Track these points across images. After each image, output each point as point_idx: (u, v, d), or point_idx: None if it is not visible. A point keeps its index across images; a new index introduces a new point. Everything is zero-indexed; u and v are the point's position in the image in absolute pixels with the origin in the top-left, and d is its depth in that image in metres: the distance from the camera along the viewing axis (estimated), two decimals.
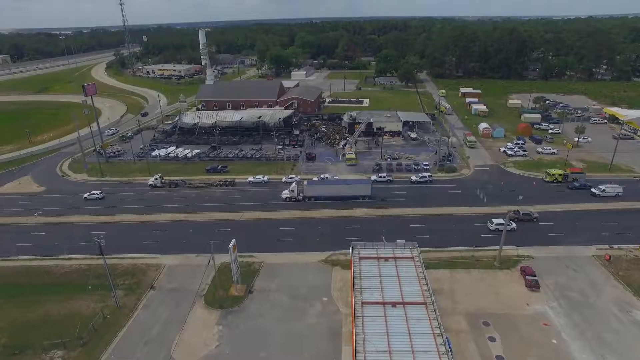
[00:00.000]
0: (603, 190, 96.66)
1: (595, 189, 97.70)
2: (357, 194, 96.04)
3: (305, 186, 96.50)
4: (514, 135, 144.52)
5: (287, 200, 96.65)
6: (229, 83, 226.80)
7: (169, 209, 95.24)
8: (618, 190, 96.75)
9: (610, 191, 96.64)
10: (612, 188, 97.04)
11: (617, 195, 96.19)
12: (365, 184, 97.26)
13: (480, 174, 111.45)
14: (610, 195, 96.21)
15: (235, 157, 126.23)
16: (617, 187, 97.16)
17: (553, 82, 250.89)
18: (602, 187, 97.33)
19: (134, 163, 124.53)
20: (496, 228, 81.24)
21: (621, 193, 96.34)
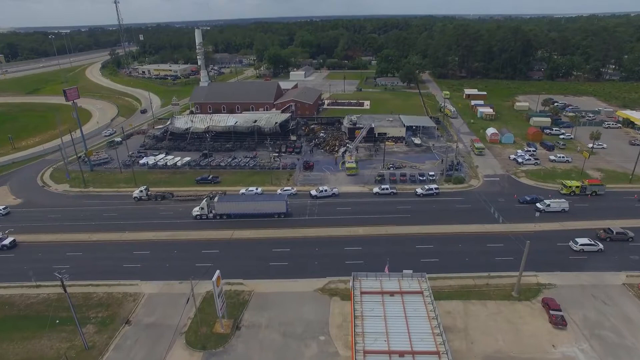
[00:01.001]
0: (548, 206, 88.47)
1: (540, 204, 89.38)
2: (272, 211, 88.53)
3: (216, 203, 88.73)
4: (524, 140, 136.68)
5: (198, 218, 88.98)
6: (224, 85, 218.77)
7: (153, 225, 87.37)
8: (564, 205, 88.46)
9: (555, 206, 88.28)
10: (558, 203, 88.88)
11: (562, 211, 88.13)
12: (279, 200, 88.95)
13: (490, 185, 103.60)
14: (555, 210, 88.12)
15: (227, 166, 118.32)
16: (562, 202, 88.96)
17: (559, 83, 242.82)
18: (547, 201, 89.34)
19: (120, 172, 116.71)
20: (581, 249, 74.10)
21: (567, 208, 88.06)
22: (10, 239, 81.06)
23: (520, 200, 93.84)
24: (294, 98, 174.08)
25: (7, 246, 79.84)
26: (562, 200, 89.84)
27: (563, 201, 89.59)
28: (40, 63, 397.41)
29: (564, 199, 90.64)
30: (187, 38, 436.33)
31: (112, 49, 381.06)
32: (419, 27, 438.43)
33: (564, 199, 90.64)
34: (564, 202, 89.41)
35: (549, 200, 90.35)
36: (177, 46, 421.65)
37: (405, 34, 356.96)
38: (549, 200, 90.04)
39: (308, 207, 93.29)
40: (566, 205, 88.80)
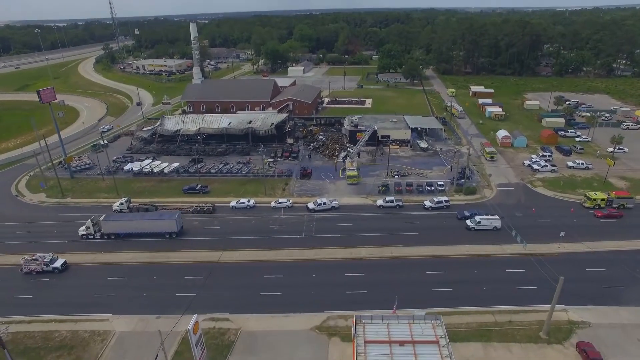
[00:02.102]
0: (478, 223, 79.59)
1: (470, 221, 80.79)
2: (162, 230, 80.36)
3: (102, 222, 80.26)
4: (537, 144, 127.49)
5: (85, 238, 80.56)
6: (218, 82, 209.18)
7: (132, 244, 78.41)
8: (496, 223, 79.59)
9: (486, 224, 79.47)
10: (489, 220, 79.83)
11: (494, 229, 79.32)
12: (169, 219, 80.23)
13: (504, 197, 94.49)
14: (486, 228, 79.28)
15: (218, 173, 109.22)
16: (494, 219, 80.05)
17: (569, 79, 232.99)
18: (478, 218, 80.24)
19: (102, 180, 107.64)
20: None
21: (499, 226, 79.41)
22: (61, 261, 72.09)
23: (458, 216, 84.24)
24: (291, 97, 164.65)
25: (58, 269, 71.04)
26: (494, 217, 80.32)
27: (495, 218, 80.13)
28: (32, 58, 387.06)
29: (496, 215, 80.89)
30: (184, 32, 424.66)
31: (105, 44, 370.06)
32: (421, 21, 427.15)
33: (496, 215, 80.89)
34: (495, 218, 79.99)
35: (479, 216, 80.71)
36: (174, 40, 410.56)
37: (407, 27, 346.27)
38: (479, 217, 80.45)
39: (305, 222, 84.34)
40: (498, 223, 79.46)
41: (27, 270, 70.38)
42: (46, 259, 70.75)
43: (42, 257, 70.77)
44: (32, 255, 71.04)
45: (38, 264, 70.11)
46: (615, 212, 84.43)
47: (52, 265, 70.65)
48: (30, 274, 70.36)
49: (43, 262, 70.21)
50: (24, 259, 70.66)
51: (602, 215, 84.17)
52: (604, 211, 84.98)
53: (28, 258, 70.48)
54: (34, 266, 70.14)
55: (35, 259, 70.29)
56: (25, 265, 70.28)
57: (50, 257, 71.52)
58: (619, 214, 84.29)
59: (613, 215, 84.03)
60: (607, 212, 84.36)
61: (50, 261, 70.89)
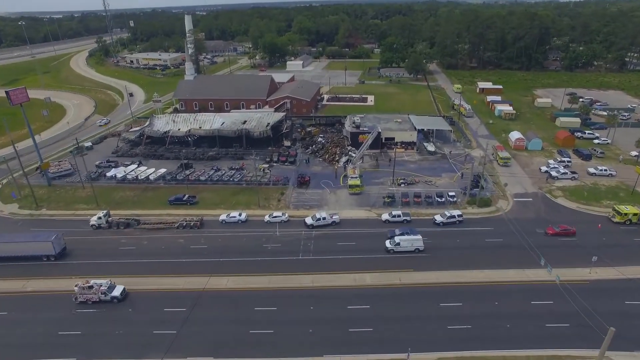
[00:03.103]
0: (397, 245, 70.49)
1: (390, 242, 71.53)
2: (37, 253, 71.35)
3: None
4: (553, 146, 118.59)
5: None
6: (212, 78, 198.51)
7: (107, 267, 69.64)
8: (417, 244, 70.35)
9: (406, 245, 70.21)
10: (409, 241, 70.38)
11: (416, 251, 70.31)
12: (44, 241, 71.09)
13: (522, 209, 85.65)
14: (406, 250, 70.32)
15: (208, 180, 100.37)
16: (416, 239, 70.51)
17: (579, 74, 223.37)
18: (397, 238, 70.99)
19: (82, 188, 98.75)
20: None
21: (422, 247, 70.40)
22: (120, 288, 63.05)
23: (389, 234, 74.57)
24: (289, 94, 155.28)
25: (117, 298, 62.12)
26: (416, 237, 70.70)
27: (417, 238, 70.59)
28: (24, 51, 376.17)
29: (419, 235, 71.12)
30: (180, 24, 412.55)
31: (99, 37, 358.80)
32: (423, 13, 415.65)
33: (419, 235, 71.12)
34: (417, 239, 70.51)
35: (399, 236, 71.48)
36: (170, 33, 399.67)
37: (409, 20, 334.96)
38: (399, 237, 71.17)
39: (302, 240, 75.63)
40: (420, 244, 70.36)
41: (82, 300, 61.38)
42: (103, 286, 61.40)
43: (99, 284, 61.54)
44: (86, 282, 61.90)
45: (94, 292, 60.97)
46: (568, 229, 75.66)
47: (111, 293, 61.51)
48: (86, 304, 61.38)
49: (100, 289, 60.93)
50: (78, 285, 61.41)
51: (555, 233, 75.46)
52: (556, 228, 76.09)
53: (82, 285, 61.21)
54: (90, 295, 61.10)
55: (90, 286, 61.08)
56: (80, 293, 61.08)
57: (108, 283, 62.22)
58: (572, 231, 75.53)
59: (565, 232, 75.43)
60: (560, 230, 75.67)
61: (109, 289, 61.68)
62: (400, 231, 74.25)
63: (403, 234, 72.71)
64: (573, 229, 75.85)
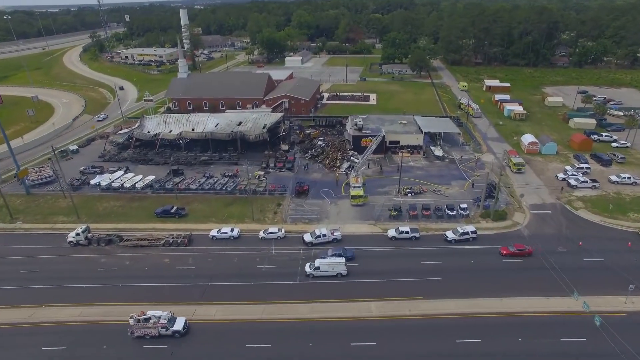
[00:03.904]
0: (317, 269, 63.79)
1: (310, 266, 64.88)
2: None
3: None
4: (568, 150, 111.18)
5: None
6: (206, 76, 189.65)
7: (82, 294, 62.37)
8: (339, 268, 63.34)
9: (326, 270, 63.32)
10: (330, 265, 63.31)
11: (338, 276, 63.53)
12: None
13: (541, 224, 78.29)
14: (327, 274, 63.44)
15: (199, 189, 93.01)
16: (338, 263, 63.47)
17: (589, 71, 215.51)
18: (318, 262, 64.38)
19: (64, 197, 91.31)
20: None
21: (344, 272, 63.48)
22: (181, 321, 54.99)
23: (320, 256, 67.69)
24: (287, 93, 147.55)
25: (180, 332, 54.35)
26: (338, 261, 63.60)
27: (339, 262, 63.47)
28: (16, 46, 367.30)
29: (342, 259, 64.18)
30: (177, 19, 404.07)
31: (93, 31, 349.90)
32: (426, 7, 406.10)
33: (342, 259, 64.18)
34: (339, 263, 63.40)
35: (320, 260, 64.46)
36: (167, 27, 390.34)
37: (412, 14, 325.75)
38: (319, 261, 64.20)
39: (300, 261, 68.30)
40: (342, 268, 63.28)
41: (139, 334, 54.07)
42: (163, 318, 54.15)
43: (158, 317, 54.02)
44: (142, 313, 54.32)
45: (153, 326, 53.59)
46: (524, 249, 68.41)
47: (172, 327, 54.10)
48: (143, 339, 54.02)
49: (160, 323, 53.68)
50: (133, 317, 53.85)
51: (510, 253, 68.20)
52: (511, 248, 68.75)
53: (138, 317, 53.72)
54: (148, 329, 53.86)
55: (147, 319, 53.73)
56: (136, 327, 53.78)
57: (169, 315, 54.60)
58: (528, 251, 68.37)
59: (520, 253, 68.14)
60: (514, 250, 68.38)
61: (169, 322, 54.29)
62: (333, 252, 67.62)
63: (334, 256, 66.13)
64: (530, 248, 68.56)
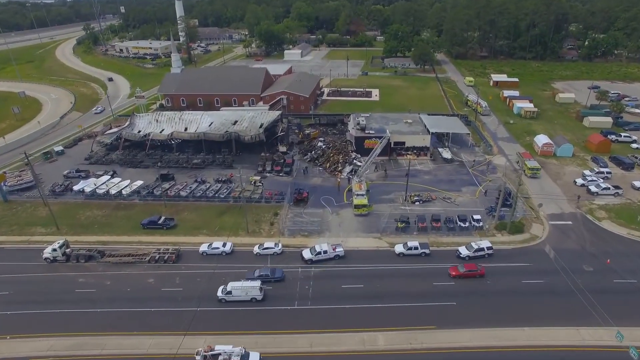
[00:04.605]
0: (228, 293, 57.72)
1: (222, 290, 58.75)
2: None
3: None
4: (585, 152, 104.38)
5: None
6: (201, 71, 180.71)
7: (54, 321, 55.78)
8: (254, 293, 57.19)
9: (239, 294, 57.22)
10: (244, 289, 57.37)
11: (252, 301, 57.36)
12: None
13: (561, 237, 71.63)
14: (241, 299, 57.34)
15: (190, 196, 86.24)
16: (252, 287, 57.37)
17: (599, 64, 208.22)
18: (230, 285, 58.16)
19: (43, 205, 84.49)
20: None
21: (259, 297, 57.29)
22: None
23: (247, 277, 61.64)
24: (285, 89, 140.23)
25: None
26: (252, 285, 57.47)
27: (254, 286, 57.27)
28: (8, 38, 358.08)
29: (257, 282, 58.18)
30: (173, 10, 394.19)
31: (86, 23, 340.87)
32: None
33: (257, 282, 58.18)
34: (254, 287, 57.18)
35: (233, 284, 58.12)
36: (163, 19, 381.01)
37: (414, 5, 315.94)
38: (233, 284, 57.96)
39: (299, 281, 61.81)
40: (256, 293, 57.10)
41: None
42: (235, 355, 47.38)
43: (228, 353, 47.65)
44: (209, 348, 48.10)
45: None
46: (475, 270, 61.63)
47: None
48: None
49: None
50: (199, 353, 47.58)
51: (459, 274, 61.42)
52: (461, 269, 61.98)
53: (205, 352, 47.50)
54: None
55: (216, 355, 47.36)
56: None
57: (242, 351, 48.13)
58: (480, 272, 61.52)
59: (471, 274, 61.29)
60: (464, 271, 61.54)
61: (242, 358, 47.50)
62: (260, 272, 61.93)
63: (262, 276, 60.97)
64: (482, 268, 61.76)
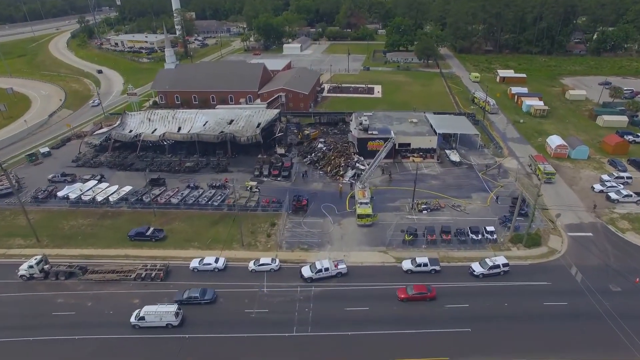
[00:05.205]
0: (141, 319, 52.92)
1: (134, 317, 53.50)
2: None
3: None
4: (600, 154, 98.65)
5: None
6: (196, 67, 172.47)
7: (26, 351, 50.45)
8: (168, 318, 52.56)
9: (152, 320, 52.60)
10: (158, 314, 52.67)
11: (168, 326, 52.74)
12: None
13: (582, 251, 66.01)
14: (155, 325, 52.76)
15: (182, 203, 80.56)
16: (167, 312, 52.79)
17: (608, 59, 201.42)
18: (145, 310, 53.52)
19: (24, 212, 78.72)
20: None
21: (175, 322, 52.63)
22: None
23: (175, 298, 56.73)
24: (284, 86, 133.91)
25: None
26: (168, 309, 52.78)
27: (169, 311, 52.47)
28: (1, 31, 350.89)
29: (174, 306, 53.40)
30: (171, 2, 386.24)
31: (80, 16, 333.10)
32: None
33: (174, 306, 53.40)
34: (168, 312, 52.35)
35: (147, 308, 53.34)
36: (161, 12, 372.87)
37: None
38: (146, 309, 53.22)
39: (298, 303, 56.22)
40: (171, 318, 52.18)
41: None
42: None
43: None
44: None
45: None
46: (425, 292, 55.83)
47: None
48: None
49: None
50: None
51: (407, 297, 55.77)
52: (409, 291, 56.20)
53: None
54: None
55: None
56: None
57: None
58: (430, 294, 55.75)
59: (420, 297, 55.62)
60: (413, 294, 55.82)
61: None
62: (189, 294, 56.55)
63: (191, 298, 56.13)
64: (432, 291, 56.16)
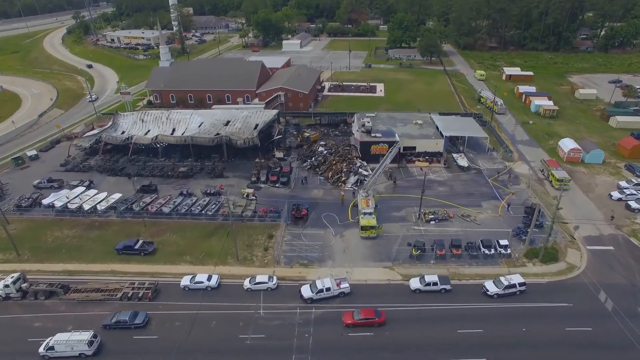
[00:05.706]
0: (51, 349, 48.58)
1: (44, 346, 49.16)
2: None
3: None
4: (616, 158, 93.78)
5: None
6: (191, 65, 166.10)
7: None
8: (80, 348, 48.24)
9: (62, 350, 48.18)
10: (69, 343, 48.37)
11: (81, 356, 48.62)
12: None
13: (603, 267, 61.21)
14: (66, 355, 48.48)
15: (174, 213, 75.77)
16: (78, 341, 48.51)
17: (616, 56, 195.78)
18: (56, 338, 49.36)
19: (6, 222, 73.96)
20: None
21: (89, 352, 48.36)
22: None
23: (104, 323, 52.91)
24: (283, 85, 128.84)
25: None
26: (79, 338, 48.16)
27: (81, 339, 48.00)
28: None
29: (89, 332, 49.07)
30: None
31: (76, 11, 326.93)
32: None
33: (89, 332, 49.07)
34: (81, 340, 47.89)
35: (59, 336, 49.04)
36: (158, 7, 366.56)
37: None
38: (58, 337, 48.93)
39: (297, 327, 51.55)
40: (85, 348, 47.74)
41: None
42: None
43: None
44: None
45: None
46: (373, 318, 51.06)
47: None
48: None
49: None
50: None
51: (354, 323, 50.95)
52: (356, 316, 51.41)
53: None
54: None
55: None
56: None
57: None
58: (379, 320, 51.11)
59: (368, 322, 50.93)
60: (359, 319, 50.98)
61: None
62: (118, 318, 52.67)
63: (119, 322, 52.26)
64: (381, 316, 51.47)
